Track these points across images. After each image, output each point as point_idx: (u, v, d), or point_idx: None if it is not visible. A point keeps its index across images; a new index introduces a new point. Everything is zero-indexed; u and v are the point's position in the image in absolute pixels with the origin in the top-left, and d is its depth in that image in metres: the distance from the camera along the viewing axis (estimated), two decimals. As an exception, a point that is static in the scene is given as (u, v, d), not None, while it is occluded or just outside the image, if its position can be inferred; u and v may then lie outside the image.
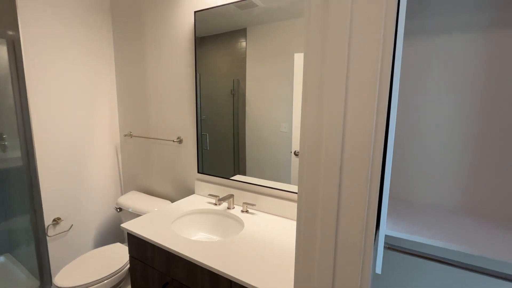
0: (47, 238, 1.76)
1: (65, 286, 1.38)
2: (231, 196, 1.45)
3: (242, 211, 1.42)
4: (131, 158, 2.06)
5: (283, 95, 1.30)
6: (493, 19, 0.82)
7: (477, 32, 0.84)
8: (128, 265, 1.61)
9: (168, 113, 1.77)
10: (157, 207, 1.69)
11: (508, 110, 0.83)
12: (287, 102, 1.30)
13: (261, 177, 1.44)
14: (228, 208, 1.46)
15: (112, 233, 2.15)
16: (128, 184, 2.13)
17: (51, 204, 1.77)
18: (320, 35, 0.52)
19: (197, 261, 0.99)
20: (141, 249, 1.23)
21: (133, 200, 1.82)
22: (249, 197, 1.47)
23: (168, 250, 1.09)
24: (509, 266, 0.85)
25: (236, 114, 1.47)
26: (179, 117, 1.72)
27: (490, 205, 0.89)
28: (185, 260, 1.06)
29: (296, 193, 1.33)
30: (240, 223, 1.34)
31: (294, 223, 1.30)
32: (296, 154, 1.32)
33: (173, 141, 1.72)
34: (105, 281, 1.47)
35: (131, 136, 2.01)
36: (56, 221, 1.78)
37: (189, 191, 1.75)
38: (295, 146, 1.30)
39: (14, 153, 1.82)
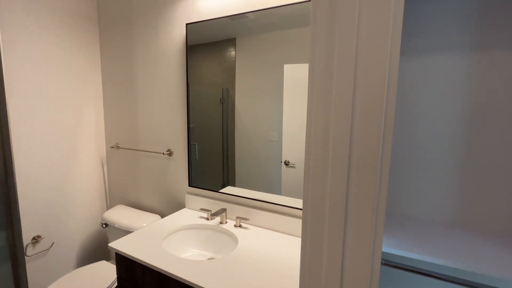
0: (26, 258, 1.65)
1: (45, 311, 1.29)
2: (224, 210, 1.42)
3: (235, 226, 1.39)
4: (118, 171, 1.99)
5: (272, 104, 1.30)
6: (474, 41, 0.86)
7: (459, 52, 0.88)
8: (115, 285, 1.53)
9: (157, 124, 1.73)
10: (146, 222, 1.63)
11: (496, 128, 0.86)
12: (276, 111, 1.30)
13: (251, 188, 1.42)
14: (221, 222, 1.42)
15: (97, 250, 2.05)
16: (114, 198, 2.05)
17: (31, 221, 1.66)
18: (326, 42, 0.52)
19: (192, 283, 0.95)
20: (130, 269, 1.17)
21: (120, 215, 1.75)
22: (242, 211, 1.44)
23: (159, 271, 1.04)
24: (500, 281, 0.87)
25: (226, 123, 1.46)
26: (169, 129, 1.68)
27: (481, 220, 0.92)
28: (179, 281, 1.02)
29: (290, 207, 1.32)
30: (234, 238, 1.31)
31: (289, 237, 1.29)
32: (286, 164, 1.31)
33: (163, 153, 1.68)
34: (90, 304, 1.39)
35: (118, 148, 1.94)
36: (36, 239, 1.67)
37: (180, 205, 1.70)
38: (286, 155, 1.30)
39: (-10, 166, 1.71)
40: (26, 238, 1.65)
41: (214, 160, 1.53)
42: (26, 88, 1.57)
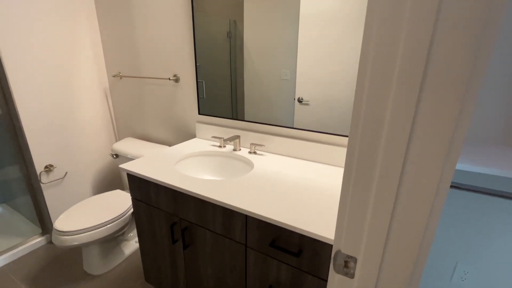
0: (42, 185, 1.67)
1: (66, 230, 1.33)
2: (237, 137, 1.34)
3: (250, 152, 1.33)
4: (123, 101, 1.88)
5: (285, 38, 1.14)
6: None
7: None
8: (131, 210, 1.56)
9: (161, 47, 1.55)
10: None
11: None
12: (290, 45, 1.14)
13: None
14: (234, 150, 1.36)
15: (111, 180, 2.08)
16: (122, 130, 1.99)
17: (40, 151, 1.63)
18: None
19: (209, 198, 0.91)
20: (143, 190, 1.15)
21: (129, 146, 1.70)
22: (256, 138, 1.36)
23: (174, 189, 1.00)
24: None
25: (234, 60, 1.32)
26: (174, 50, 1.50)
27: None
28: (194, 198, 0.98)
29: (309, 130, 1.22)
30: (249, 164, 1.25)
31: (307, 163, 1.22)
32: (300, 101, 1.21)
33: (169, 79, 1.54)
34: (108, 225, 1.43)
35: (120, 77, 1.80)
36: (49, 168, 1.67)
37: (190, 135, 1.63)
38: (299, 93, 1.20)
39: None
40: (39, 167, 1.65)
41: (222, 100, 1.42)
42: (15, 20, 1.40)
